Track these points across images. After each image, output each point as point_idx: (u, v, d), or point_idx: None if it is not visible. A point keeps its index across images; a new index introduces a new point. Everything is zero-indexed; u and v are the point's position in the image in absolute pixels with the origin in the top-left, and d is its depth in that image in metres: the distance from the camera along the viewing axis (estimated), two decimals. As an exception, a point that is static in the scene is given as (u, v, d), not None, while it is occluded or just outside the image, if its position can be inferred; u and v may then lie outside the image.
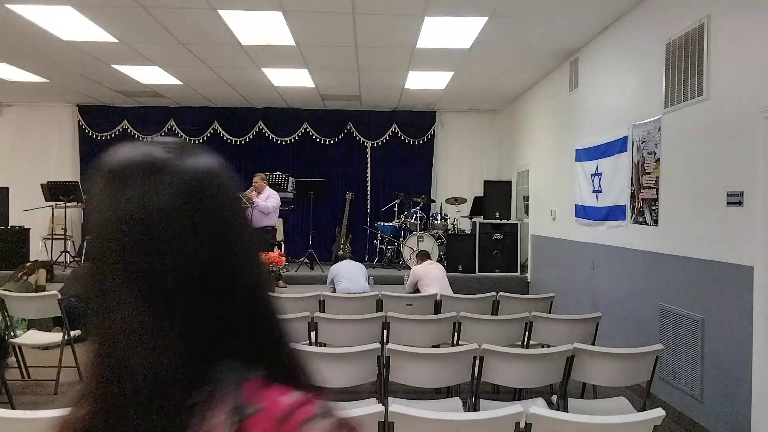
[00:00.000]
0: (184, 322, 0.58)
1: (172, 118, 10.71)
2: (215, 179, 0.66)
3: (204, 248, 0.60)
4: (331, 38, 6.49)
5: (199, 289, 0.59)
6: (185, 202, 0.61)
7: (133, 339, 0.56)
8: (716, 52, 4.10)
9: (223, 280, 0.61)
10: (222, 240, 0.63)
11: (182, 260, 0.59)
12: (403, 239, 9.55)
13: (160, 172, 0.62)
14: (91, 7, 5.59)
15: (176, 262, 0.59)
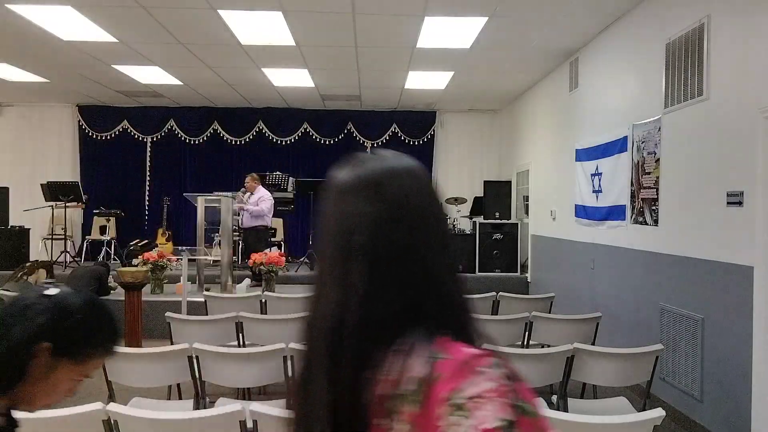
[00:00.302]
0: (395, 288, 0.78)
1: (172, 118, 10.72)
2: (427, 186, 0.93)
3: (411, 236, 0.81)
4: (331, 38, 6.49)
5: (408, 265, 0.79)
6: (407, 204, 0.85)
7: (358, 296, 0.78)
8: (716, 52, 4.10)
9: (428, 258, 0.81)
10: (428, 229, 0.83)
11: (397, 245, 0.80)
12: (403, 239, 9.54)
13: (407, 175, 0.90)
14: (91, 7, 5.59)
15: (394, 247, 0.80)
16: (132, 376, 3.34)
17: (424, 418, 0.70)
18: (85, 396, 4.93)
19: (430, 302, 0.79)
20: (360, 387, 0.75)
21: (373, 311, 0.77)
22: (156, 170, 10.92)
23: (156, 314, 6.35)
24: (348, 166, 0.89)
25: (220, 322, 4.31)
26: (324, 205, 0.85)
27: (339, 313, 0.78)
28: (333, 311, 0.79)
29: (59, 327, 1.08)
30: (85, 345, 1.13)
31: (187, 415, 2.45)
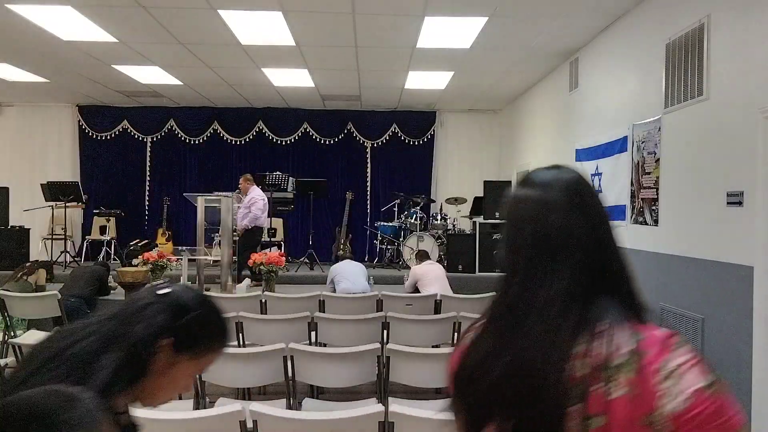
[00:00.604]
0: (600, 274, 0.97)
1: (172, 118, 10.72)
2: (589, 185, 1.10)
3: (605, 233, 1.03)
4: (331, 38, 6.49)
5: (606, 255, 1.00)
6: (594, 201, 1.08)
7: (582, 283, 0.96)
8: (716, 52, 4.10)
9: (612, 248, 1.02)
10: (609, 225, 1.05)
11: (600, 241, 1.01)
12: (403, 239, 9.55)
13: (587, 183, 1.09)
14: (91, 7, 5.59)
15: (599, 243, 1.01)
16: (132, 376, 3.33)
17: (641, 382, 0.89)
18: (85, 396, 4.92)
19: (620, 283, 1.00)
20: (570, 362, 0.91)
21: (591, 293, 0.96)
22: (156, 170, 10.92)
23: (156, 314, 6.33)
24: (539, 180, 1.08)
25: (220, 322, 4.30)
26: (531, 213, 1.04)
27: (567, 297, 0.95)
28: (561, 296, 0.96)
29: (178, 324, 1.14)
30: (203, 339, 1.18)
31: (187, 415, 2.45)
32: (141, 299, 1.16)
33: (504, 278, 1.07)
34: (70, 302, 6.18)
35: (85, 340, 1.08)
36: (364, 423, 2.30)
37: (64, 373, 1.02)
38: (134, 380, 1.10)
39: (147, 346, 1.11)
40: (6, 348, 5.04)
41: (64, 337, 1.10)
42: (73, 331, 1.11)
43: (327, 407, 3.33)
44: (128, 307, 1.16)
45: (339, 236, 10.23)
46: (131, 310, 1.15)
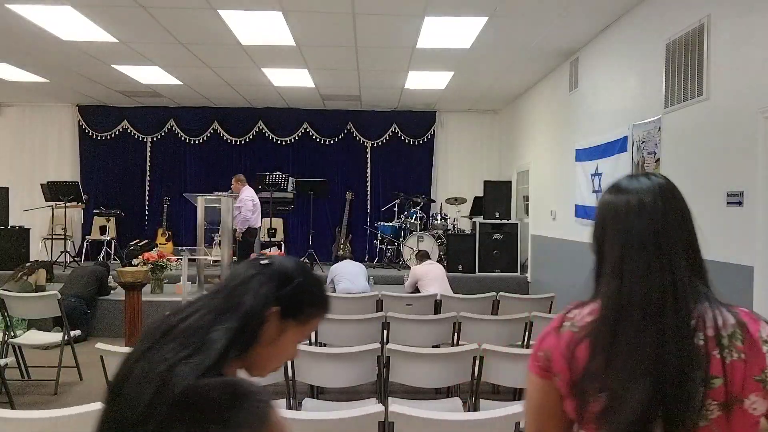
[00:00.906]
0: (696, 264, 1.21)
1: (172, 118, 10.72)
2: (677, 188, 1.26)
3: (684, 220, 1.22)
4: (331, 38, 6.49)
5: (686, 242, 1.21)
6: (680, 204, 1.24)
7: (686, 271, 1.18)
8: (716, 52, 4.10)
9: (693, 236, 1.21)
10: (689, 213, 1.23)
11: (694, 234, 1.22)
12: (403, 239, 9.55)
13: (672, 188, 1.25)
14: (91, 7, 5.59)
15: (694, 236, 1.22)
16: (132, 376, 3.33)
17: (751, 348, 1.11)
18: (85, 396, 4.92)
19: (704, 269, 1.23)
20: (689, 332, 1.12)
21: (692, 278, 1.18)
22: (156, 170, 10.92)
23: (156, 314, 6.34)
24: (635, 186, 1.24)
25: (220, 322, 4.30)
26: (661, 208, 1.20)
27: (679, 285, 1.15)
28: (668, 283, 1.15)
29: (283, 292, 1.18)
30: (307, 306, 1.23)
31: (187, 415, 2.44)
32: (244, 272, 1.20)
33: (613, 274, 1.18)
34: (70, 302, 6.19)
35: (196, 314, 1.12)
36: (364, 423, 2.30)
37: (180, 346, 1.06)
38: (246, 350, 1.13)
39: (257, 316, 1.14)
40: (6, 348, 5.04)
41: (174, 314, 1.14)
42: (181, 310, 1.15)
43: (327, 407, 3.33)
44: (232, 280, 1.19)
45: (339, 236, 10.23)
46: (236, 282, 1.18)
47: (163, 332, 1.10)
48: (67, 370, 5.04)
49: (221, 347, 1.07)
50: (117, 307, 6.65)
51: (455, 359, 3.35)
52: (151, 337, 1.10)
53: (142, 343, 1.11)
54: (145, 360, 1.05)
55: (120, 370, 1.08)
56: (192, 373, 1.01)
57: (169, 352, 1.05)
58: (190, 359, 1.03)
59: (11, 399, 4.33)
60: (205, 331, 1.09)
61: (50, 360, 5.19)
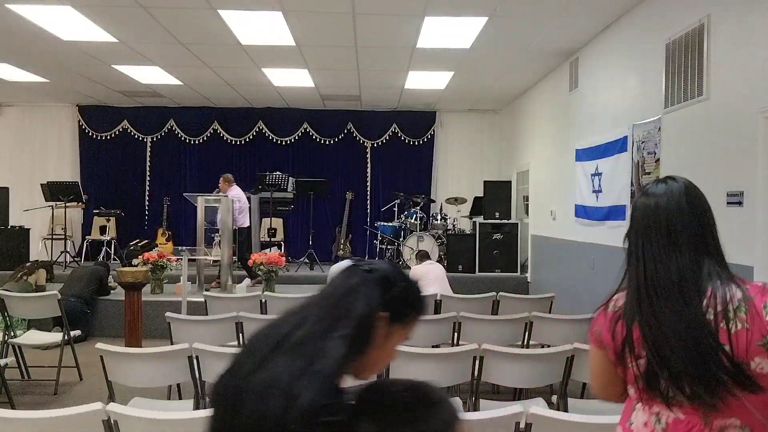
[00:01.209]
0: (716, 249, 1.47)
1: (172, 118, 10.72)
2: (695, 188, 1.58)
3: (699, 214, 1.51)
4: (331, 38, 6.49)
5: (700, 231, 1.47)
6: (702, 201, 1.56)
7: (716, 255, 1.46)
8: (716, 52, 4.10)
9: (708, 226, 1.49)
10: (704, 208, 1.54)
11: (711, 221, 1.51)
12: (403, 239, 9.55)
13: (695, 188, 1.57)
14: (91, 7, 5.59)
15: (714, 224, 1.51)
16: (132, 376, 3.34)
17: (753, 318, 1.34)
18: (85, 396, 4.92)
19: (718, 252, 1.46)
20: (702, 308, 1.38)
21: (708, 260, 1.43)
22: (156, 170, 10.92)
23: (156, 314, 6.35)
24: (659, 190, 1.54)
25: (220, 322, 4.31)
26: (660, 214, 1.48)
27: (694, 266, 1.41)
28: (683, 266, 1.41)
29: (389, 296, 1.21)
30: (410, 309, 1.27)
31: (187, 415, 2.45)
32: (348, 279, 1.22)
33: (637, 261, 1.48)
34: (70, 302, 6.19)
35: (306, 324, 1.14)
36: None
37: (297, 356, 1.08)
38: (359, 356, 1.16)
39: (368, 322, 1.17)
40: (6, 348, 5.04)
41: (280, 325, 1.16)
42: (285, 320, 1.17)
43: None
44: (337, 288, 1.21)
45: (339, 236, 10.24)
46: (342, 290, 1.20)
47: (275, 344, 1.11)
48: (67, 370, 5.04)
49: (340, 356, 1.09)
50: (117, 307, 6.64)
51: (455, 359, 3.35)
52: (262, 348, 1.12)
53: (250, 355, 1.13)
54: (262, 372, 1.07)
55: (230, 382, 1.10)
56: (316, 384, 1.03)
57: (288, 363, 1.07)
58: (311, 370, 1.05)
59: (11, 399, 4.33)
60: (320, 341, 1.10)
61: (50, 360, 5.19)
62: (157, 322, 6.17)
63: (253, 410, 1.03)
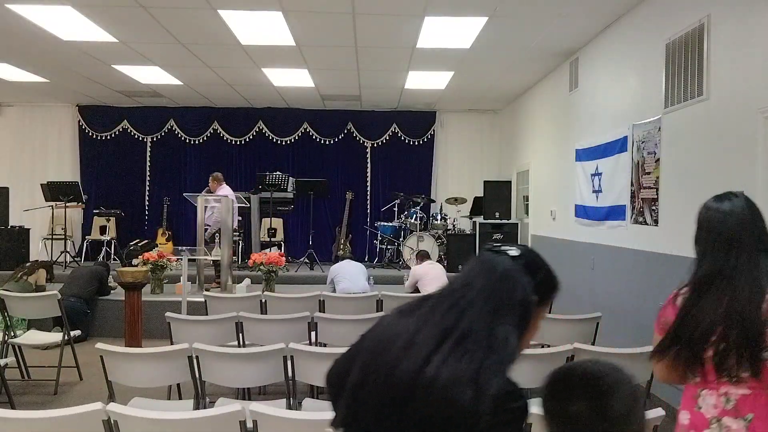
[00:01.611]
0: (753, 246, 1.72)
1: (172, 118, 10.72)
2: (752, 202, 1.81)
3: (756, 222, 1.76)
4: (331, 38, 6.49)
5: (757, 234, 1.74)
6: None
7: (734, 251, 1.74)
8: (716, 52, 4.10)
9: (763, 231, 1.75)
10: (760, 217, 1.77)
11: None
12: (403, 239, 9.55)
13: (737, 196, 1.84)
14: (91, 7, 5.59)
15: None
16: (132, 376, 3.34)
17: None
18: (85, 396, 4.92)
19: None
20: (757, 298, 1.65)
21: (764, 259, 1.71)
22: (156, 170, 10.92)
23: (156, 314, 6.35)
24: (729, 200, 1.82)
25: (220, 322, 4.31)
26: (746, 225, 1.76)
27: (751, 263, 1.69)
28: (747, 262, 1.69)
29: (537, 281, 1.27)
30: (552, 290, 1.34)
31: (187, 415, 2.45)
32: (498, 265, 1.24)
33: (702, 258, 1.77)
34: (70, 302, 6.19)
35: (466, 315, 1.16)
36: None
37: (473, 347, 1.12)
38: (521, 335, 1.21)
39: (529, 306, 1.22)
40: (6, 348, 5.04)
41: (439, 318, 1.18)
42: (430, 312, 1.20)
43: (327, 407, 3.32)
44: (484, 275, 1.23)
45: (339, 236, 10.24)
46: (496, 277, 1.22)
47: (441, 336, 1.14)
48: (67, 370, 5.04)
49: (514, 343, 1.15)
50: (117, 307, 6.64)
51: (455, 359, 3.34)
52: (425, 342, 1.14)
53: (409, 349, 1.15)
54: (438, 365, 1.10)
55: (392, 378, 1.13)
56: (500, 372, 1.10)
57: (467, 355, 1.10)
58: (492, 359, 1.10)
59: (11, 399, 4.33)
60: (490, 329, 1.14)
61: (50, 360, 5.19)
62: (157, 322, 6.17)
63: (440, 402, 1.07)
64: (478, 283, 1.21)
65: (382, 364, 1.17)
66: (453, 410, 1.06)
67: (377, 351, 1.21)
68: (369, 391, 1.18)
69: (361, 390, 1.20)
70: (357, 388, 1.21)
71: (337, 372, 1.36)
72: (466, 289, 1.21)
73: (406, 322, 1.21)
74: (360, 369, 1.22)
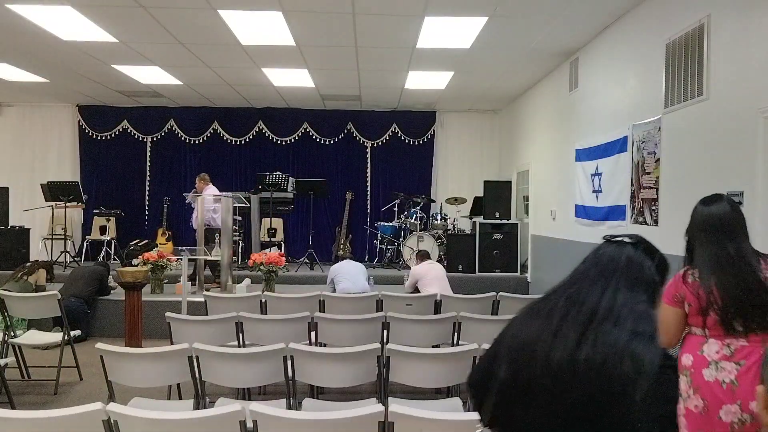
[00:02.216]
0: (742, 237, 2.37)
1: (172, 118, 10.72)
2: (735, 202, 2.44)
3: (742, 218, 2.40)
4: (331, 38, 6.49)
5: (744, 228, 2.38)
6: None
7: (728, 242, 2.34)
8: (716, 52, 4.10)
9: (745, 225, 2.39)
10: (742, 216, 2.40)
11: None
12: (403, 239, 9.55)
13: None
14: (91, 7, 5.59)
15: None
16: (132, 376, 3.34)
17: None
18: (85, 396, 4.92)
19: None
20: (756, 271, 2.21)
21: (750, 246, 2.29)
22: (156, 170, 10.92)
23: (156, 314, 6.35)
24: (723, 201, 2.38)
25: (220, 322, 4.31)
26: (732, 221, 2.32)
27: (746, 250, 2.28)
28: (743, 250, 2.25)
29: (656, 263, 1.40)
30: (666, 272, 1.44)
31: (187, 415, 2.45)
32: (619, 252, 1.39)
33: (701, 247, 2.35)
34: (70, 302, 6.19)
35: (605, 296, 1.27)
36: (364, 423, 2.30)
37: (619, 324, 1.21)
38: None
39: (656, 286, 1.34)
40: (6, 348, 5.04)
41: (578, 302, 1.28)
42: (570, 300, 1.30)
43: (327, 407, 3.33)
44: (611, 261, 1.37)
45: (339, 236, 10.24)
46: (623, 263, 1.35)
47: (587, 318, 1.24)
48: (67, 370, 5.04)
49: (654, 317, 1.26)
50: (117, 307, 6.64)
51: (455, 359, 3.35)
52: (571, 326, 1.24)
53: (557, 334, 1.24)
54: (591, 344, 1.19)
55: (556, 364, 1.21)
56: (651, 344, 1.20)
57: (616, 331, 1.20)
58: (640, 333, 1.20)
59: (11, 399, 4.33)
60: (632, 307, 1.25)
61: (50, 360, 5.19)
62: (157, 322, 6.18)
63: (601, 379, 1.15)
64: (608, 269, 1.33)
65: (532, 358, 1.24)
66: (615, 384, 1.14)
67: (522, 347, 1.27)
68: (522, 386, 1.24)
69: (512, 387, 1.26)
70: (507, 385, 1.27)
71: (480, 374, 1.44)
72: (598, 275, 1.33)
73: (543, 316, 1.30)
74: (507, 367, 1.27)
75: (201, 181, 8.33)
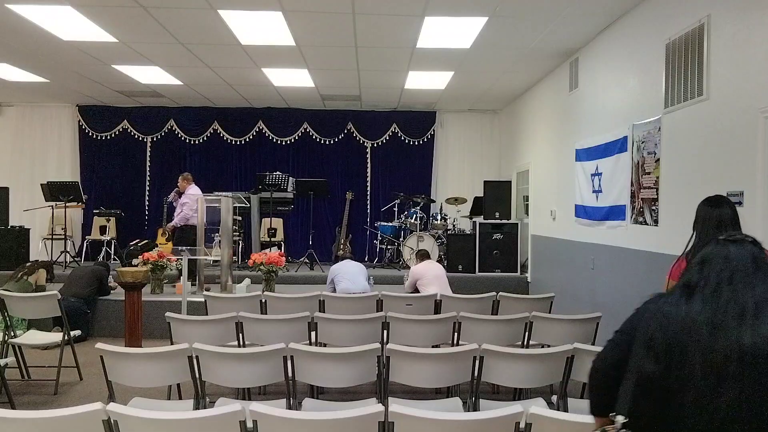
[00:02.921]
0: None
1: (172, 118, 10.72)
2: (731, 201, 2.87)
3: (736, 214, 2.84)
4: (331, 38, 6.49)
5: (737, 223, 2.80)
6: None
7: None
8: (716, 52, 4.10)
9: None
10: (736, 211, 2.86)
11: None
12: (403, 239, 9.55)
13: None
14: (91, 7, 5.59)
15: None
16: (132, 376, 3.34)
17: None
18: (85, 396, 4.92)
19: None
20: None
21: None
22: (156, 170, 10.92)
23: (156, 314, 6.35)
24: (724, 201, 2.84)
25: (220, 322, 4.31)
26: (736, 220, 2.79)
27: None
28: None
29: None
30: None
31: (187, 415, 2.45)
32: (743, 248, 1.64)
33: (699, 236, 2.77)
34: (70, 302, 6.19)
35: (749, 289, 1.46)
36: (364, 423, 2.30)
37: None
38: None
39: None
40: (6, 348, 5.04)
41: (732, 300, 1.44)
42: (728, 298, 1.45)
43: (327, 407, 3.33)
44: (741, 257, 1.59)
45: (339, 236, 10.23)
46: (750, 258, 1.58)
47: (741, 310, 1.41)
48: (67, 370, 5.04)
49: None
50: (117, 307, 6.65)
51: (455, 359, 3.35)
52: (731, 318, 1.40)
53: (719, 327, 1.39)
54: (754, 331, 1.37)
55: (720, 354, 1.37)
56: None
57: None
58: None
59: (11, 399, 4.33)
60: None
61: (50, 360, 5.19)
62: (157, 322, 6.18)
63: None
64: (740, 264, 1.54)
65: (694, 346, 1.39)
66: None
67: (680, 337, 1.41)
68: (687, 374, 1.38)
69: (666, 377, 1.40)
70: (662, 374, 1.41)
71: (612, 362, 1.70)
72: (732, 270, 1.52)
73: (690, 308, 1.44)
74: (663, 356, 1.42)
75: (184, 181, 8.38)
